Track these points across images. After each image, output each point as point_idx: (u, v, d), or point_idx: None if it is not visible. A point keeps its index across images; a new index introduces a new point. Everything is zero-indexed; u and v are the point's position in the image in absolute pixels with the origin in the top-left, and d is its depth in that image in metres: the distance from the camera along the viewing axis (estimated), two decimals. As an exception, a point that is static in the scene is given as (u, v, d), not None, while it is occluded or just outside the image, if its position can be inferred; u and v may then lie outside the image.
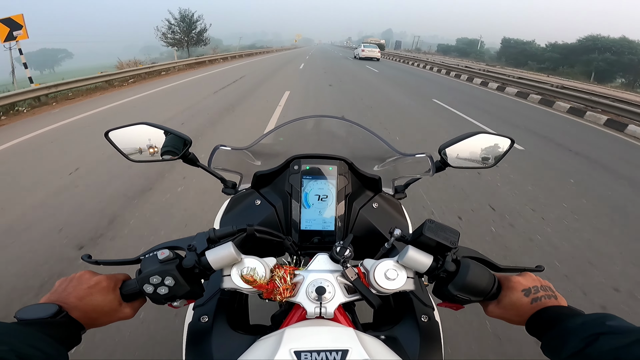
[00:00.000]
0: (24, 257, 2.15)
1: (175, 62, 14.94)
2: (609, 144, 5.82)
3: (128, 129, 0.75)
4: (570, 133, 6.27)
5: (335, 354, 0.41)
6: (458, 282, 0.51)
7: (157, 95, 8.26)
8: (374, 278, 0.52)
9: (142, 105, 7.08)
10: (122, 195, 2.95)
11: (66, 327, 0.44)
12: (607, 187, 3.71)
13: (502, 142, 0.81)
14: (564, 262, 2.30)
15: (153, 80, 11.20)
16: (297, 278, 0.55)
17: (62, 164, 3.65)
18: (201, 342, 0.60)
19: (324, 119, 0.97)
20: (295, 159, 0.76)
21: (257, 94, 8.32)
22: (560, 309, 0.47)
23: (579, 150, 5.03)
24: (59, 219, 2.58)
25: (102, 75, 9.48)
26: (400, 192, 0.92)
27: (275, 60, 22.58)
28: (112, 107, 6.86)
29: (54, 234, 2.39)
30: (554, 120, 7.44)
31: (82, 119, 5.81)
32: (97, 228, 2.46)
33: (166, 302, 0.51)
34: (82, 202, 2.83)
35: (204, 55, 18.99)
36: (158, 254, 0.50)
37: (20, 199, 2.90)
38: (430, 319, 0.64)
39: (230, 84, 9.92)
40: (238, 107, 6.60)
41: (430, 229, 0.51)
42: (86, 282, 0.49)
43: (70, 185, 3.15)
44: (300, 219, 0.72)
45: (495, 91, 11.62)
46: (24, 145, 4.44)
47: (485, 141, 0.80)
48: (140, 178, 3.27)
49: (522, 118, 7.29)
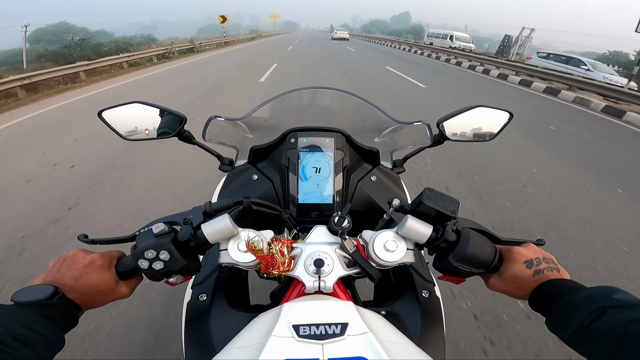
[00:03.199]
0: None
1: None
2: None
3: (122, 108, 0.74)
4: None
5: (334, 327, 0.40)
6: (458, 252, 0.49)
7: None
8: (373, 250, 0.51)
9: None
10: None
11: (63, 308, 0.43)
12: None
13: (500, 115, 0.80)
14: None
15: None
16: (295, 251, 0.54)
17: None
18: (200, 320, 0.59)
19: (320, 91, 0.95)
20: (292, 132, 0.75)
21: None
22: (564, 282, 0.46)
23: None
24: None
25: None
26: (399, 166, 0.91)
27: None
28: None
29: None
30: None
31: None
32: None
33: (162, 278, 0.50)
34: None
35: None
36: (153, 228, 0.49)
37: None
38: (431, 295, 0.64)
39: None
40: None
41: (430, 197, 0.50)
42: (80, 261, 0.47)
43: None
44: (298, 192, 0.71)
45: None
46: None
47: (483, 115, 0.80)
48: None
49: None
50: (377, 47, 25.15)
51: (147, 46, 16.63)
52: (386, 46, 26.32)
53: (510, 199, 2.81)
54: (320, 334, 0.39)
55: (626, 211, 2.77)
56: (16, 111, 5.64)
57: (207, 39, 21.10)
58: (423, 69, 11.98)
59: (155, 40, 22.53)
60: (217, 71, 9.72)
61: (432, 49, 20.55)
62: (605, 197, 2.99)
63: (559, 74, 10.00)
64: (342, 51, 18.41)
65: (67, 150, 3.63)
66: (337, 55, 15.94)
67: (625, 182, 3.33)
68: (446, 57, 15.99)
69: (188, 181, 2.91)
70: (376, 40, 33.12)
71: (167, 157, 3.36)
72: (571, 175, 3.40)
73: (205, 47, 17.97)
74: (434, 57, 17.17)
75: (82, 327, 1.50)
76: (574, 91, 8.43)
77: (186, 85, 7.47)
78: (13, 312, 0.38)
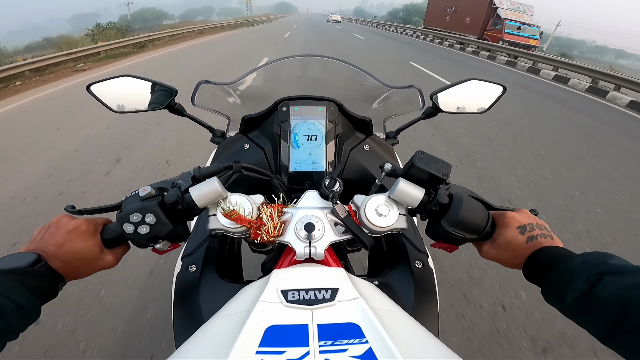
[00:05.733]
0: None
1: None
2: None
3: (111, 82, 0.73)
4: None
5: (324, 292, 0.39)
6: (451, 216, 0.49)
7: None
8: (365, 214, 0.50)
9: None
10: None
11: (44, 277, 0.41)
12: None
13: (494, 89, 0.81)
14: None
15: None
16: (285, 216, 0.53)
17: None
18: (189, 291, 0.58)
19: (311, 59, 0.94)
20: (284, 101, 0.73)
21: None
22: (557, 249, 0.45)
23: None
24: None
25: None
26: (392, 137, 0.91)
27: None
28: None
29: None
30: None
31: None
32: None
33: (149, 244, 0.49)
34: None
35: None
36: (139, 192, 0.48)
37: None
38: (424, 265, 0.63)
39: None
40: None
41: (421, 159, 0.49)
42: (64, 227, 0.46)
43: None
44: (290, 160, 0.70)
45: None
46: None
47: (477, 88, 0.80)
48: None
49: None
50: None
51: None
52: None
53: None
54: (310, 299, 0.39)
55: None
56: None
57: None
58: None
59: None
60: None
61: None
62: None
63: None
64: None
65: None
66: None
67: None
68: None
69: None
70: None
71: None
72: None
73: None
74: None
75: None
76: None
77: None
78: None
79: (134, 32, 17.53)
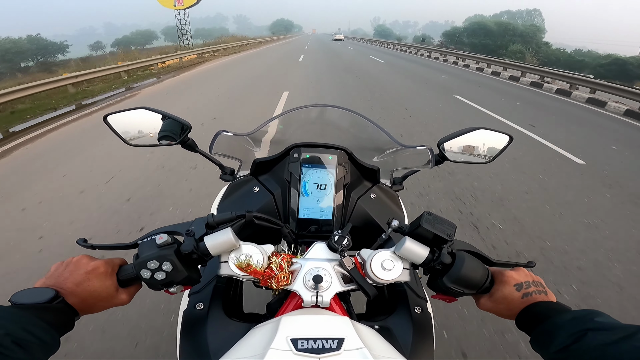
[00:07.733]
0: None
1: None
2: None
3: (127, 114, 0.75)
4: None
5: (331, 342, 0.41)
6: (453, 274, 0.51)
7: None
8: (371, 268, 0.53)
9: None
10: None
11: (61, 312, 0.44)
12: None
13: (500, 138, 0.81)
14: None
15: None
16: (294, 266, 0.55)
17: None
18: (196, 329, 0.59)
19: (326, 108, 0.96)
20: (296, 147, 0.76)
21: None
22: (550, 304, 0.48)
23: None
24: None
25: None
26: (398, 183, 0.93)
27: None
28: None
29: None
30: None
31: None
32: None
33: (163, 288, 0.51)
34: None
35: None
36: (156, 239, 0.50)
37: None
38: (423, 311, 0.65)
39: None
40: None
41: (428, 220, 0.51)
42: (84, 267, 0.48)
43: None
44: (299, 207, 0.72)
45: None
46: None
47: (484, 137, 0.81)
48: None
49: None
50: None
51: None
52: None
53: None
54: (318, 348, 0.40)
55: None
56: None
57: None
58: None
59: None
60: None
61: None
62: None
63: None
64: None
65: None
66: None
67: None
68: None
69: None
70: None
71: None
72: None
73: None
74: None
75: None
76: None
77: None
78: (12, 314, 0.38)
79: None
